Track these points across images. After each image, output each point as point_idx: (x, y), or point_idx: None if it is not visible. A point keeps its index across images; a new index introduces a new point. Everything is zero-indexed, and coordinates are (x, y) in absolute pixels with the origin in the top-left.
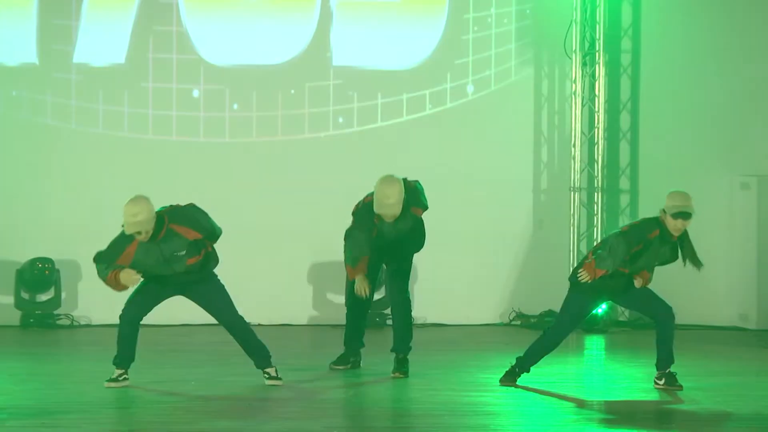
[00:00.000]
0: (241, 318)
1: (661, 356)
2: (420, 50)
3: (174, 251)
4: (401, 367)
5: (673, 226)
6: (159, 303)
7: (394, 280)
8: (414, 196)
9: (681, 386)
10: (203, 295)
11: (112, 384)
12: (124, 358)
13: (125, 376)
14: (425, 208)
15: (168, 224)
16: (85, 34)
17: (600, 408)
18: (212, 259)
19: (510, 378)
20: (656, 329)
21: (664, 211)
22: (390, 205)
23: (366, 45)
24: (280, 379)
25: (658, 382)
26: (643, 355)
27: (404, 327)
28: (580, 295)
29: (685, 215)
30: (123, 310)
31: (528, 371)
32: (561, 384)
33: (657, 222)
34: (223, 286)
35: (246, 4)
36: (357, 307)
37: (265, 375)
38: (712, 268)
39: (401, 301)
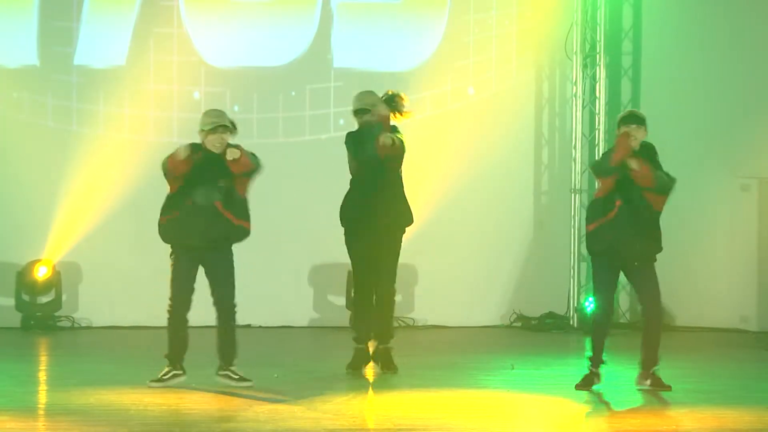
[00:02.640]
0: (233, 305)
1: (643, 356)
2: (421, 52)
3: (219, 175)
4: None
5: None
6: (193, 282)
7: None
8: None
9: (669, 387)
10: (215, 263)
11: (156, 384)
12: (179, 352)
13: (176, 372)
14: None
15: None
16: (85, 35)
17: (600, 409)
18: (241, 231)
19: (587, 382)
20: (643, 326)
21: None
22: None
23: (367, 47)
24: (248, 380)
25: (642, 382)
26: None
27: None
28: (593, 259)
29: (632, 119)
30: (172, 307)
31: (603, 362)
32: (561, 385)
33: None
34: (233, 266)
35: (247, 5)
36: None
37: (228, 374)
38: (713, 269)
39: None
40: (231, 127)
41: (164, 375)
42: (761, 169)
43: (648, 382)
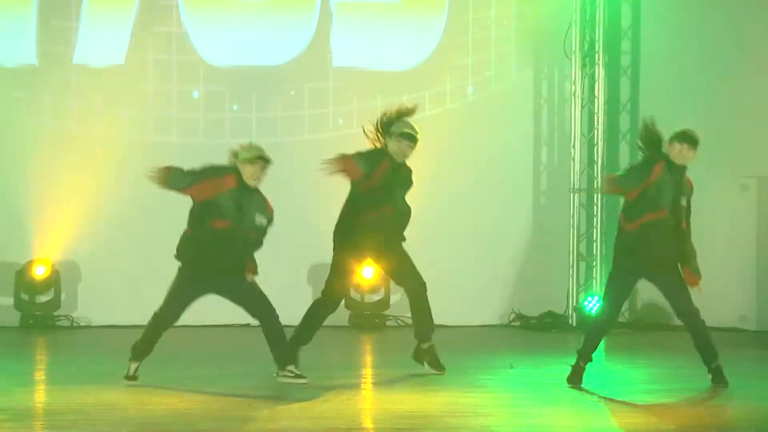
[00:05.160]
0: (275, 311)
1: (702, 356)
2: (420, 51)
3: (255, 212)
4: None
5: (677, 151)
6: (192, 303)
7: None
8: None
9: (726, 382)
10: (239, 288)
11: (132, 382)
12: (147, 353)
13: (138, 366)
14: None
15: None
16: (84, 35)
17: (599, 409)
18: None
19: (576, 376)
20: (691, 331)
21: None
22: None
23: (366, 46)
24: (305, 377)
25: (709, 376)
26: (643, 357)
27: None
28: (617, 270)
29: (687, 139)
30: (161, 318)
31: (591, 360)
32: (560, 385)
33: (661, 156)
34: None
35: (246, 5)
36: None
37: (288, 373)
38: (712, 269)
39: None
40: (270, 163)
41: (136, 372)
42: (760, 168)
43: (710, 376)
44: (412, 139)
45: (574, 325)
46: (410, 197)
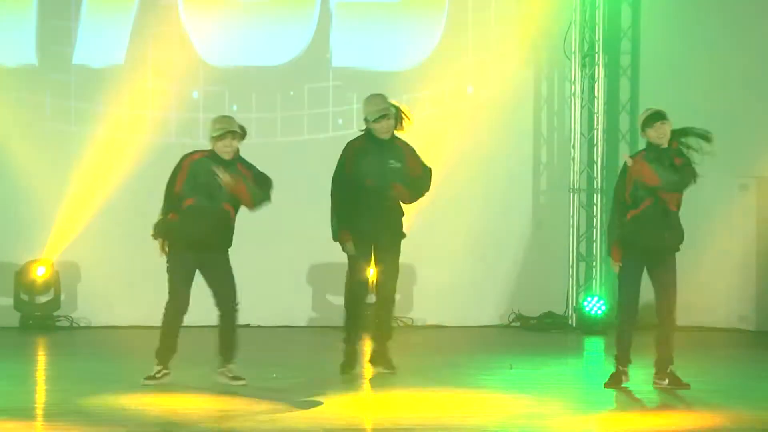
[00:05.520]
0: (236, 303)
1: (658, 355)
2: (419, 51)
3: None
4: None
5: (654, 135)
6: (191, 282)
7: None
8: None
9: (688, 385)
10: (214, 264)
11: (151, 382)
12: (170, 351)
13: (166, 371)
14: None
15: (238, 160)
16: (84, 35)
17: (598, 409)
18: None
19: (614, 381)
20: (658, 323)
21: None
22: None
23: (365, 46)
24: (242, 379)
25: (659, 382)
26: (642, 357)
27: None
28: (623, 259)
29: (655, 117)
30: (172, 307)
31: (630, 362)
32: (560, 385)
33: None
34: (230, 265)
35: (245, 5)
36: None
37: (225, 371)
38: (711, 269)
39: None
40: (240, 133)
41: (157, 373)
42: (760, 169)
43: (666, 381)
44: (384, 116)
45: (574, 325)
46: None
